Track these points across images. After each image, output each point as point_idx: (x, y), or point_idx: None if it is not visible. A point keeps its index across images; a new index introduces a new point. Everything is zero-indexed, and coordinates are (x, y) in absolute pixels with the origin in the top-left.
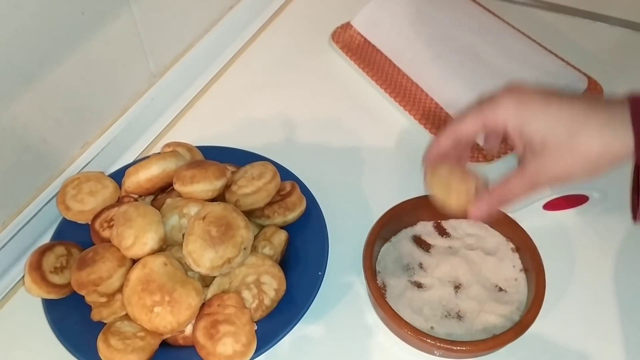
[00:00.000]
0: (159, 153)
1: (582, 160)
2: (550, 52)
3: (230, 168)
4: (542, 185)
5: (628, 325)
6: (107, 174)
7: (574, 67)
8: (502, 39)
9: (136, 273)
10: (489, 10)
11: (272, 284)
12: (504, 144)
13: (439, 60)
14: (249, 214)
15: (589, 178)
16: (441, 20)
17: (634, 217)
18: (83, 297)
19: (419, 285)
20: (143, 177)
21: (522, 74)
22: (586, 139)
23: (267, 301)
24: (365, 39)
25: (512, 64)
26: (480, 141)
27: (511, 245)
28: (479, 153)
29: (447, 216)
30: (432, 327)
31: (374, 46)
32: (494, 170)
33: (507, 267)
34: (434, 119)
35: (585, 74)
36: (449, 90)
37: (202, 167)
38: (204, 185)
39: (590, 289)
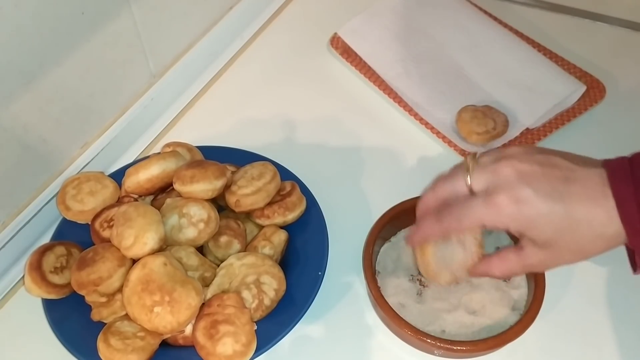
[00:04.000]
0: (159, 153)
1: (584, 257)
2: (551, 53)
3: (230, 168)
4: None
5: (627, 325)
6: (107, 174)
7: (575, 67)
8: (496, 52)
9: (136, 273)
10: (486, 12)
11: (272, 284)
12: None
13: (426, 80)
14: (249, 214)
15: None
16: (431, 36)
17: (634, 270)
18: (83, 297)
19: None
20: (143, 177)
21: (510, 89)
22: (590, 244)
23: (267, 301)
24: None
25: (501, 82)
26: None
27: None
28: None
29: None
30: (443, 331)
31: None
32: None
33: None
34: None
35: (587, 73)
36: (434, 110)
37: (202, 167)
38: (204, 185)
39: (590, 289)
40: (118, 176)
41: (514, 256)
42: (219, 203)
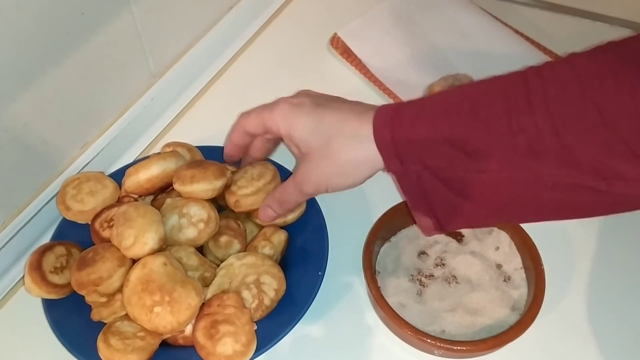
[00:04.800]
0: (159, 153)
1: (336, 167)
2: (551, 53)
3: (230, 168)
4: (309, 192)
5: (627, 325)
6: (107, 174)
7: None
8: (497, 56)
9: (136, 273)
10: (486, 11)
11: (272, 284)
12: None
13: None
14: (249, 214)
15: (350, 185)
16: (431, 41)
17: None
18: (83, 297)
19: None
20: (143, 177)
21: None
22: (337, 147)
23: (267, 301)
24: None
25: None
26: None
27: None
28: None
29: None
30: (443, 331)
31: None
32: None
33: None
34: None
35: None
36: None
37: (202, 167)
38: (204, 185)
39: (590, 289)
40: (118, 176)
41: (289, 178)
42: (219, 203)
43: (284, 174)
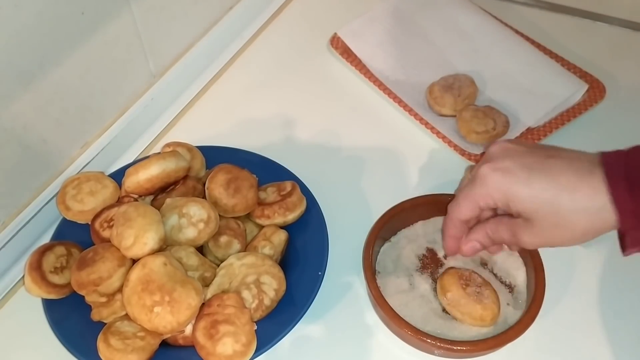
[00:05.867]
0: (159, 153)
1: (569, 235)
2: (551, 53)
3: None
4: (527, 247)
5: (627, 326)
6: (107, 174)
7: (575, 67)
8: (497, 56)
9: (136, 273)
10: (486, 12)
11: (272, 284)
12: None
13: (426, 86)
14: (249, 214)
15: (577, 244)
16: (431, 41)
17: (623, 251)
18: (83, 297)
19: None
20: (143, 177)
21: (512, 92)
22: (571, 219)
23: (267, 301)
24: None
25: (502, 85)
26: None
27: None
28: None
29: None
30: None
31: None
32: None
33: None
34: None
35: (587, 73)
36: (431, 117)
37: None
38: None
39: (590, 289)
40: (118, 176)
41: (506, 222)
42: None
43: (284, 174)
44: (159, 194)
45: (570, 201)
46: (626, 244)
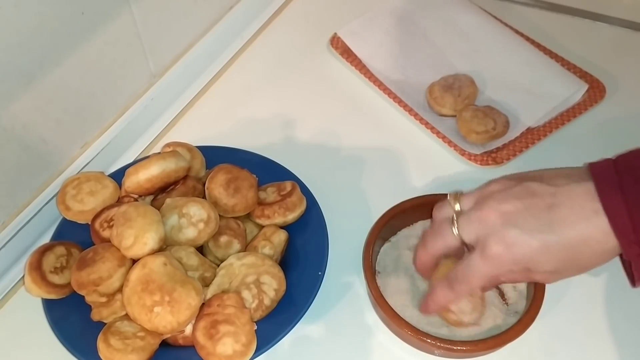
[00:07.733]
0: (159, 153)
1: (587, 270)
2: (551, 53)
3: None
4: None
5: (627, 326)
6: (107, 174)
7: (575, 67)
8: (497, 56)
9: (136, 273)
10: (486, 12)
11: (272, 284)
12: (512, 147)
13: (426, 87)
14: (249, 214)
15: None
16: (431, 41)
17: (633, 284)
18: (83, 297)
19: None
20: (143, 177)
21: (512, 92)
22: (591, 262)
23: (267, 301)
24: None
25: (502, 85)
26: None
27: None
28: (489, 156)
29: None
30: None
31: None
32: (504, 172)
33: None
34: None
35: (587, 73)
36: (431, 117)
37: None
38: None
39: (590, 289)
40: (118, 176)
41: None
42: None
43: (284, 174)
44: (159, 194)
45: (588, 250)
46: (635, 276)
